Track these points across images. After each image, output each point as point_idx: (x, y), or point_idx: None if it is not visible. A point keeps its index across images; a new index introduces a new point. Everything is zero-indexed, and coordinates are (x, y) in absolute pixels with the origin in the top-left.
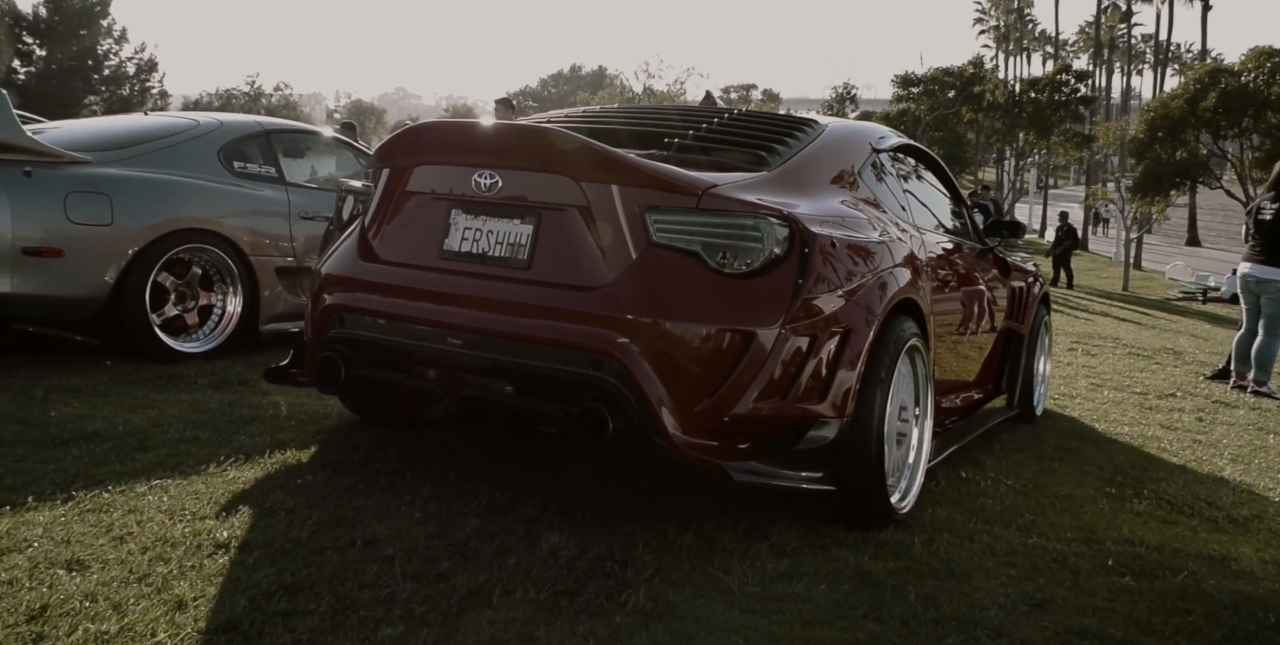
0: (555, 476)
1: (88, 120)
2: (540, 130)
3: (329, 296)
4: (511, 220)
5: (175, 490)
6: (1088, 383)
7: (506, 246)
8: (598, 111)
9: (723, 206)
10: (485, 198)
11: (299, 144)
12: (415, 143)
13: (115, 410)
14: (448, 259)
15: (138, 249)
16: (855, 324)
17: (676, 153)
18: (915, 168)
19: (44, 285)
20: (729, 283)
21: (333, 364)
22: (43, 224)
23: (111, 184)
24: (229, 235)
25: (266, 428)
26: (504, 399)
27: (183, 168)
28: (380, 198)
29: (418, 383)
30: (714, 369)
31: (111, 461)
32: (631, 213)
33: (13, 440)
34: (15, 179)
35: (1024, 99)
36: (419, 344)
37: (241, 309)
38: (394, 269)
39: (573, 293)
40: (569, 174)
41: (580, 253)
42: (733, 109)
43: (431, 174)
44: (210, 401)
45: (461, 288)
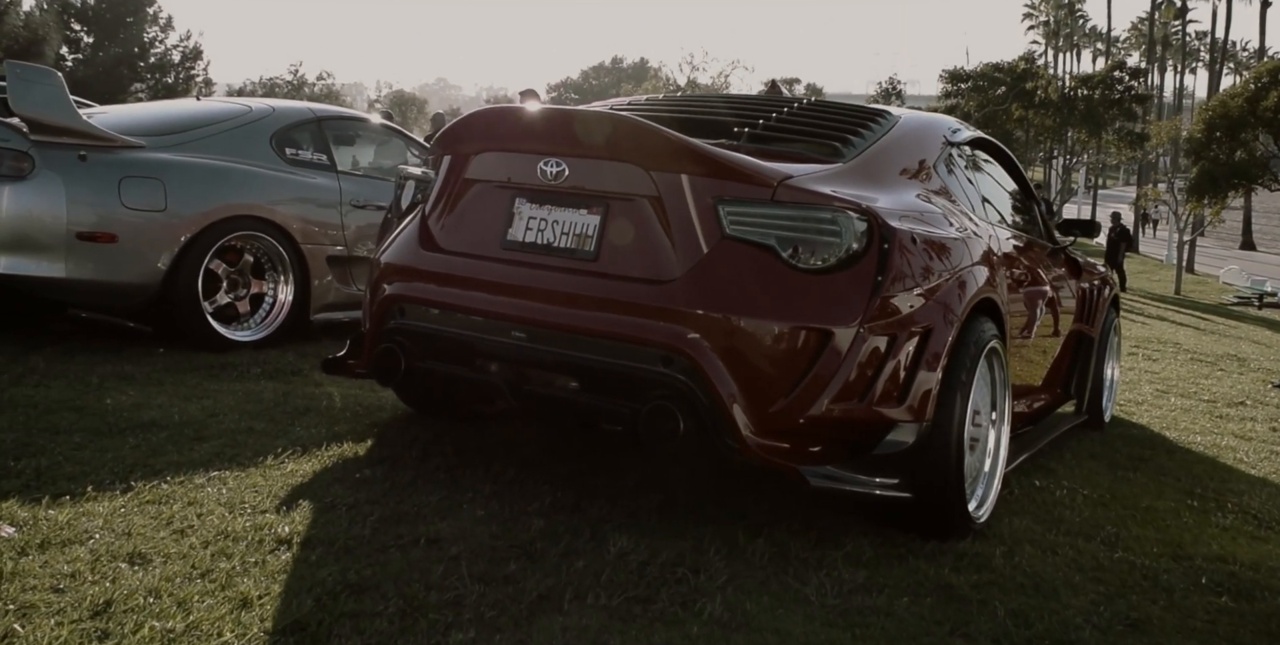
0: (617, 475)
1: (140, 105)
2: (610, 117)
3: (388, 286)
4: (578, 210)
5: (234, 482)
6: (1152, 389)
7: (572, 237)
8: (661, 99)
9: (799, 199)
10: (551, 186)
11: (349, 131)
12: (479, 129)
13: (170, 399)
14: (511, 249)
15: (190, 235)
16: (935, 324)
17: (746, 142)
18: (988, 162)
19: (97, 271)
20: (805, 279)
21: (392, 355)
22: (97, 209)
23: (165, 169)
24: (281, 223)
25: (322, 419)
26: (568, 395)
27: (235, 154)
28: (441, 186)
29: (478, 376)
30: (789, 368)
31: (169, 451)
32: (704, 204)
33: (70, 428)
34: (70, 163)
35: (1076, 96)
36: (481, 336)
37: (293, 298)
38: (455, 259)
39: (642, 286)
40: (639, 163)
41: (650, 245)
42: (801, 98)
43: (495, 161)
44: (264, 391)
45: (525, 279)
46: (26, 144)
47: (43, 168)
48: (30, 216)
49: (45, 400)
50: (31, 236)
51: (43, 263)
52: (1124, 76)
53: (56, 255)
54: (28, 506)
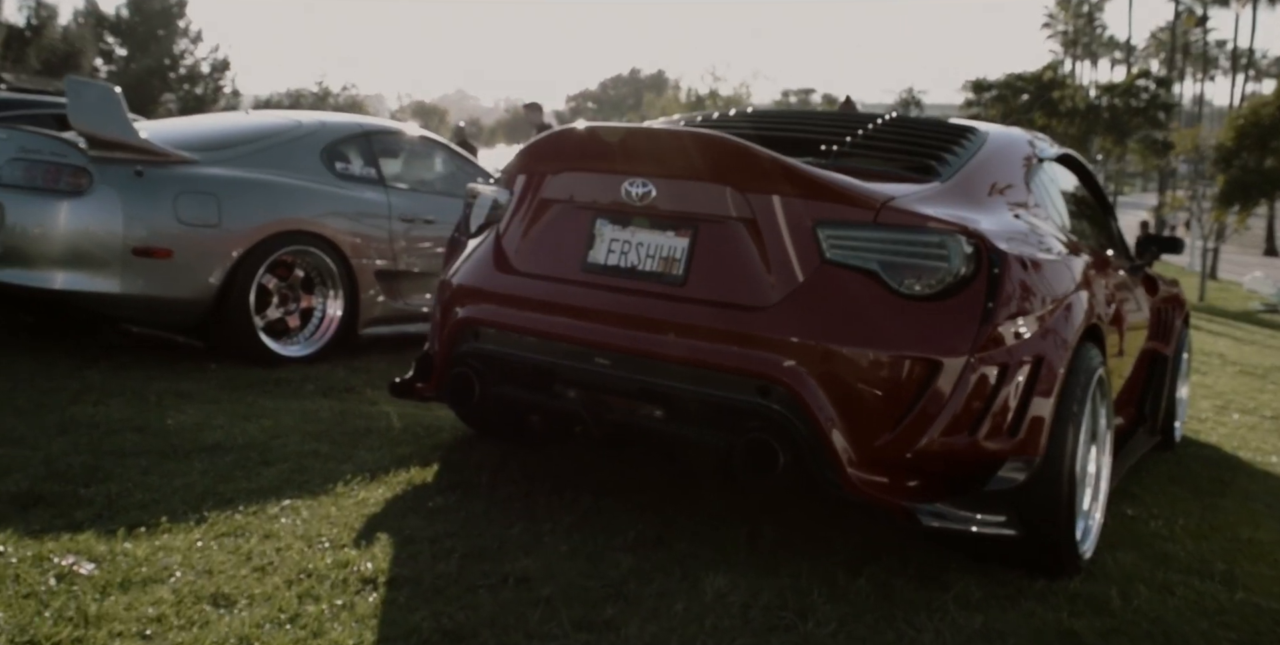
0: (696, 503)
1: (191, 118)
2: (702, 136)
3: (462, 309)
4: (665, 232)
5: (307, 513)
6: (1210, 404)
7: (659, 260)
8: (735, 116)
9: (903, 221)
10: (636, 208)
11: (397, 145)
12: (560, 148)
13: (230, 418)
14: (592, 272)
15: (243, 250)
16: (1047, 353)
17: (835, 161)
18: (1073, 178)
19: (152, 286)
20: (911, 305)
21: (466, 380)
22: (153, 224)
23: (219, 184)
24: (331, 237)
25: (383, 441)
26: (654, 425)
27: (286, 168)
28: (517, 205)
29: (557, 403)
30: (895, 400)
31: (237, 477)
32: (802, 227)
33: (135, 451)
34: (127, 178)
35: (1100, 104)
36: (561, 362)
37: (342, 312)
38: (532, 282)
39: (735, 312)
40: (733, 183)
41: (743, 269)
42: (883, 114)
43: (575, 181)
44: (321, 410)
45: (608, 303)
46: (85, 160)
47: (100, 183)
48: (87, 232)
49: (106, 419)
50: (88, 252)
51: (98, 279)
52: (1149, 85)
53: (112, 271)
54: (104, 539)
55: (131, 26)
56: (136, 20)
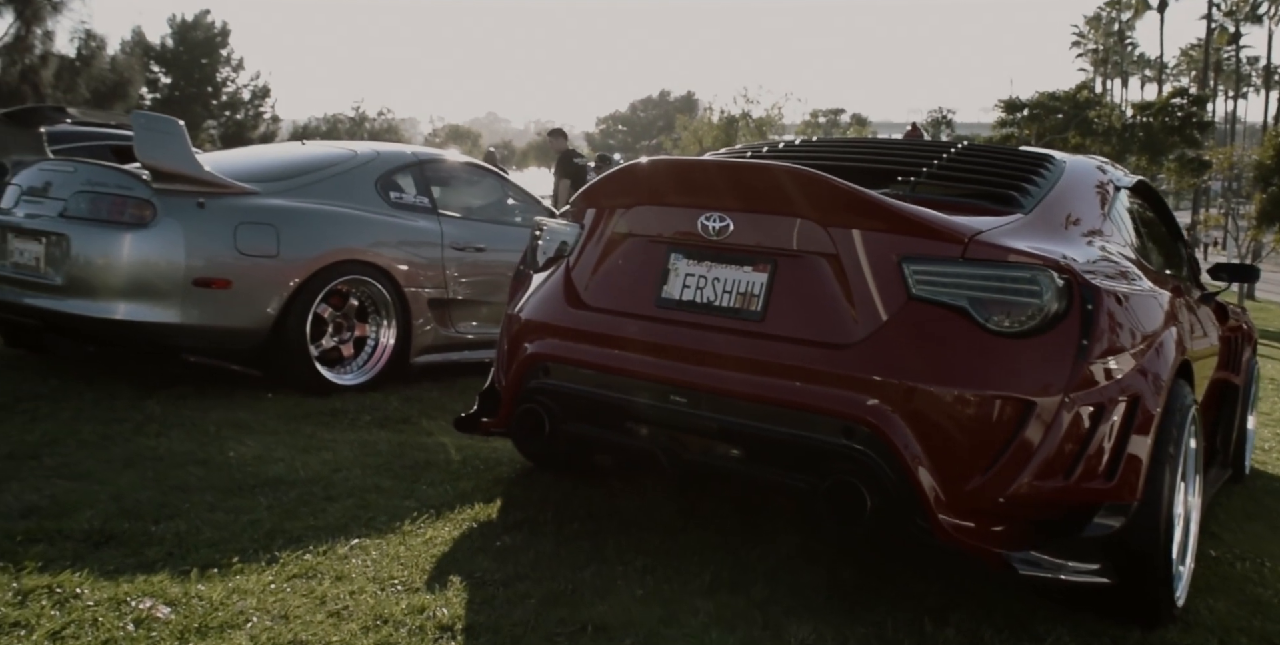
0: (769, 543)
1: (248, 149)
2: (782, 168)
3: (531, 344)
4: (742, 267)
5: (376, 553)
6: (1271, 433)
7: (736, 296)
8: (801, 145)
9: (992, 256)
10: (712, 242)
11: (448, 173)
12: (633, 181)
13: (290, 451)
14: (667, 307)
15: (300, 280)
16: (1142, 391)
17: (912, 192)
18: (1149, 207)
19: (212, 316)
20: (1002, 343)
21: (535, 417)
22: (214, 255)
23: (278, 215)
24: (386, 266)
25: (444, 475)
26: (733, 466)
27: (342, 198)
28: (587, 239)
29: (629, 441)
30: (987, 442)
31: (302, 514)
32: (886, 262)
33: (200, 486)
34: (189, 209)
35: (1136, 123)
36: (635, 400)
37: (395, 341)
38: (604, 317)
39: (817, 350)
40: (814, 217)
41: (825, 305)
42: (955, 142)
43: (649, 215)
44: (379, 442)
45: (684, 340)
46: (148, 192)
47: (164, 215)
48: (150, 263)
49: (169, 452)
50: (151, 283)
51: (159, 309)
52: (1184, 103)
53: (173, 301)
54: (178, 581)
55: (176, 55)
56: (181, 49)
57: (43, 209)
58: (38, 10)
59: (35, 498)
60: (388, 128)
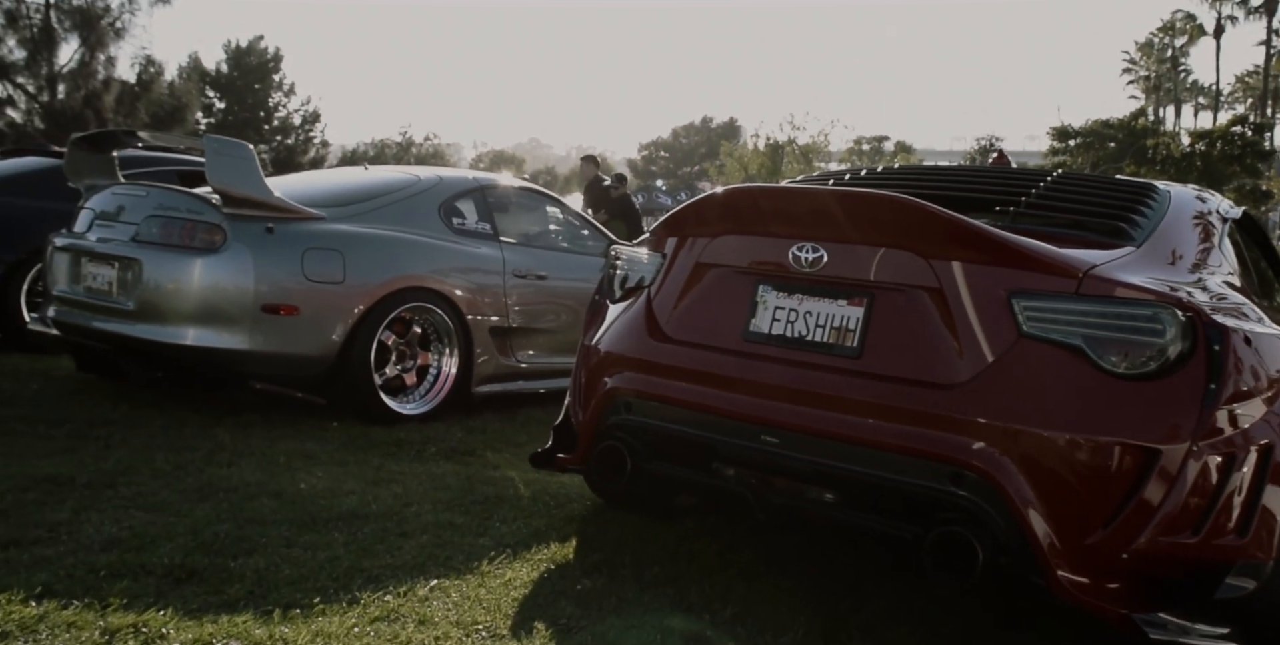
0: (859, 593)
1: (312, 174)
2: (882, 197)
3: (610, 378)
4: (836, 301)
5: (457, 595)
6: None
7: (830, 331)
8: (882, 172)
9: (1109, 292)
10: (804, 274)
11: (509, 198)
12: (719, 210)
13: (360, 483)
14: (755, 342)
15: (365, 307)
16: (1276, 440)
17: (1013, 223)
18: (1254, 238)
19: (278, 343)
20: (1122, 385)
21: (616, 454)
22: (282, 281)
23: (345, 241)
24: (449, 294)
25: (516, 512)
26: (827, 511)
27: (407, 224)
28: (669, 268)
29: (715, 483)
30: (1108, 493)
31: (379, 551)
32: (995, 297)
33: (275, 519)
34: (258, 235)
35: (1194, 152)
36: (722, 438)
37: (457, 370)
38: (689, 350)
39: (919, 390)
40: (916, 248)
41: (927, 342)
42: (1048, 170)
43: (736, 245)
44: (447, 475)
45: (775, 376)
46: (219, 216)
47: (233, 240)
48: (219, 288)
49: (241, 483)
50: (220, 309)
51: (227, 335)
52: (1244, 131)
53: (242, 328)
54: (261, 621)
55: (230, 81)
56: (235, 75)
57: (115, 233)
58: (101, 36)
59: (115, 530)
60: (434, 153)
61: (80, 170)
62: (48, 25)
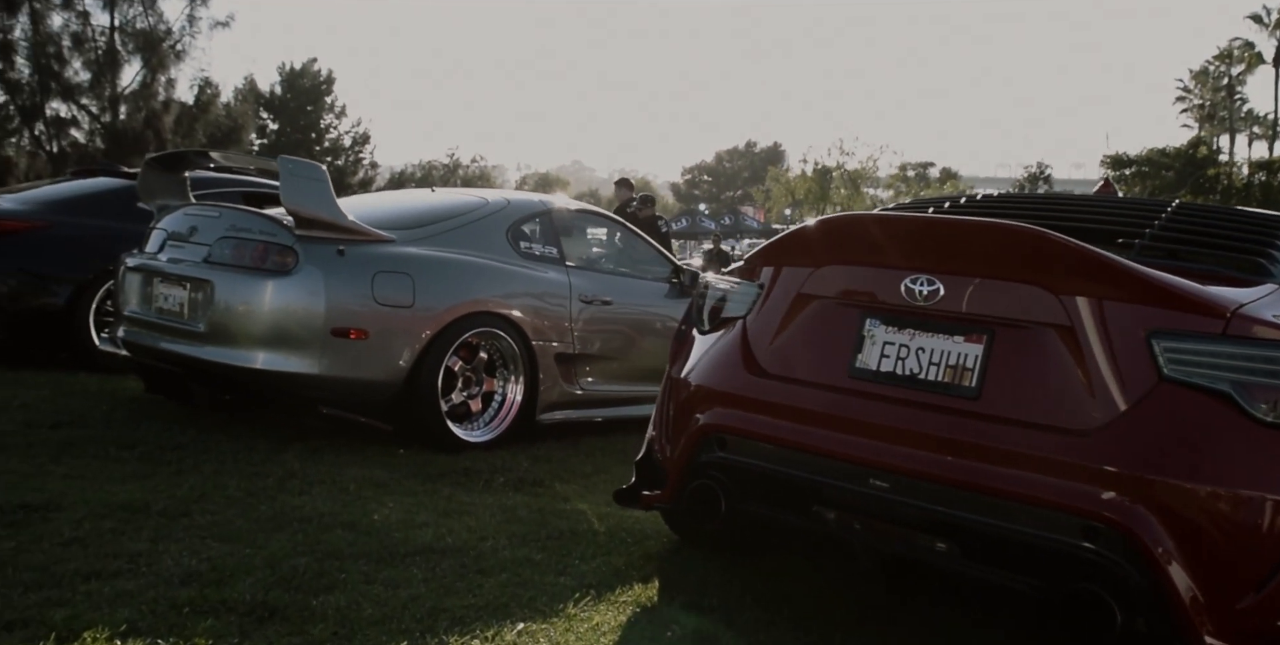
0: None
1: (379, 195)
2: (1008, 227)
3: (703, 414)
4: (952, 337)
5: (545, 640)
6: None
7: (945, 369)
8: (982, 200)
9: (1259, 334)
10: (917, 308)
11: (575, 222)
12: (823, 239)
13: (432, 514)
14: (862, 379)
15: (434, 332)
16: None
17: (1138, 256)
18: None
19: (348, 367)
20: (1274, 436)
21: (710, 494)
22: (352, 304)
23: (415, 264)
24: (515, 319)
25: (593, 548)
26: (942, 561)
27: (475, 247)
28: (767, 300)
29: (814, 526)
30: (1260, 552)
31: (459, 589)
32: (1132, 337)
33: (352, 552)
34: (330, 258)
35: (1253, 182)
36: (826, 481)
37: (522, 397)
38: (788, 386)
39: (1048, 435)
40: (1044, 283)
41: (1055, 384)
42: (1168, 201)
43: (841, 275)
44: (518, 507)
45: (885, 416)
46: (291, 239)
47: (305, 263)
48: (290, 312)
49: (315, 513)
50: (290, 332)
51: (296, 359)
52: None
53: (311, 351)
54: None
55: (284, 102)
56: (288, 97)
57: (187, 254)
58: (163, 59)
59: (194, 562)
60: (480, 175)
61: (153, 191)
62: (112, 48)
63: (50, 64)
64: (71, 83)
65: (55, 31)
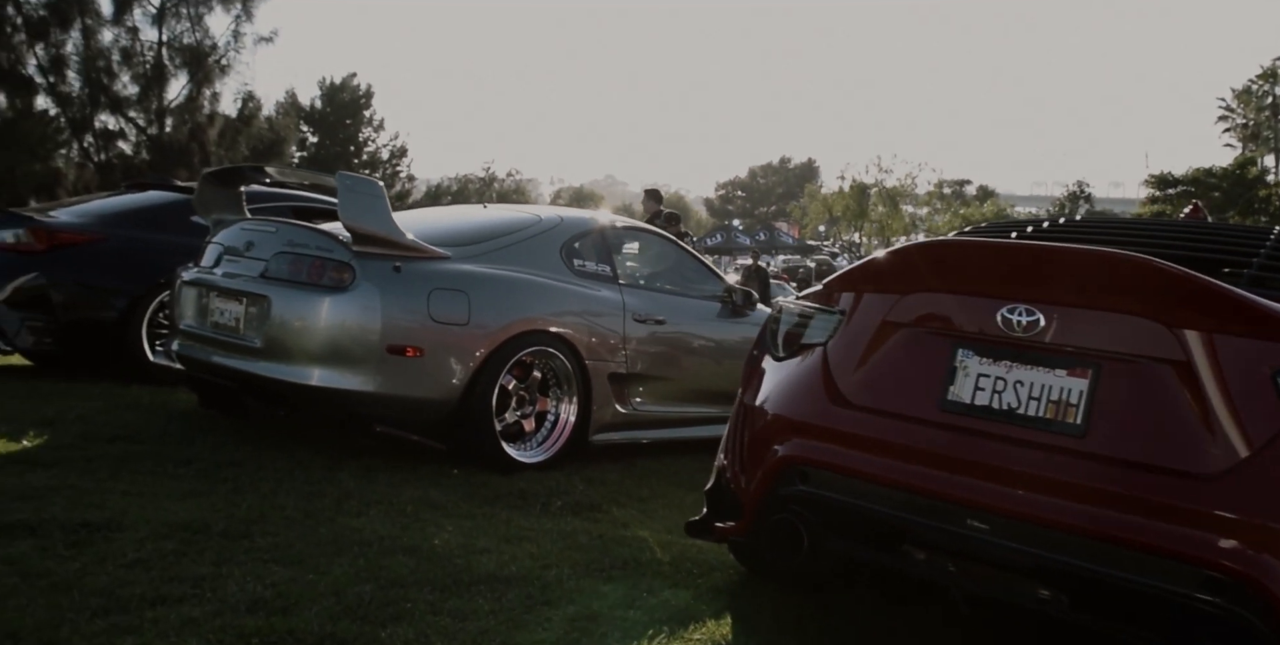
0: None
1: (431, 211)
2: (1117, 256)
3: (782, 445)
4: (1053, 371)
5: None
6: None
7: (1046, 404)
8: (1066, 224)
9: None
10: (1016, 339)
11: (628, 240)
12: (912, 264)
13: (492, 540)
14: (954, 412)
15: (489, 350)
16: None
17: (1248, 286)
18: None
19: (403, 385)
20: None
21: (790, 529)
22: (408, 321)
23: (470, 281)
24: (569, 338)
25: (659, 580)
26: (1048, 609)
27: (529, 265)
28: (849, 327)
29: (903, 566)
30: None
31: (528, 623)
32: (1256, 374)
33: (415, 579)
34: (386, 274)
35: None
36: (919, 520)
37: (575, 417)
38: (874, 418)
39: (1163, 478)
40: (1156, 315)
41: (1169, 423)
42: (1268, 229)
43: (931, 303)
44: (578, 533)
45: (982, 453)
46: (348, 254)
47: (362, 279)
48: (346, 328)
49: (374, 536)
50: (346, 349)
51: (351, 376)
52: None
53: (366, 369)
54: None
55: (324, 116)
56: (328, 111)
57: (243, 269)
58: (209, 73)
59: (258, 588)
60: (515, 188)
61: (209, 205)
62: (160, 62)
63: (100, 78)
64: (120, 96)
65: (106, 46)
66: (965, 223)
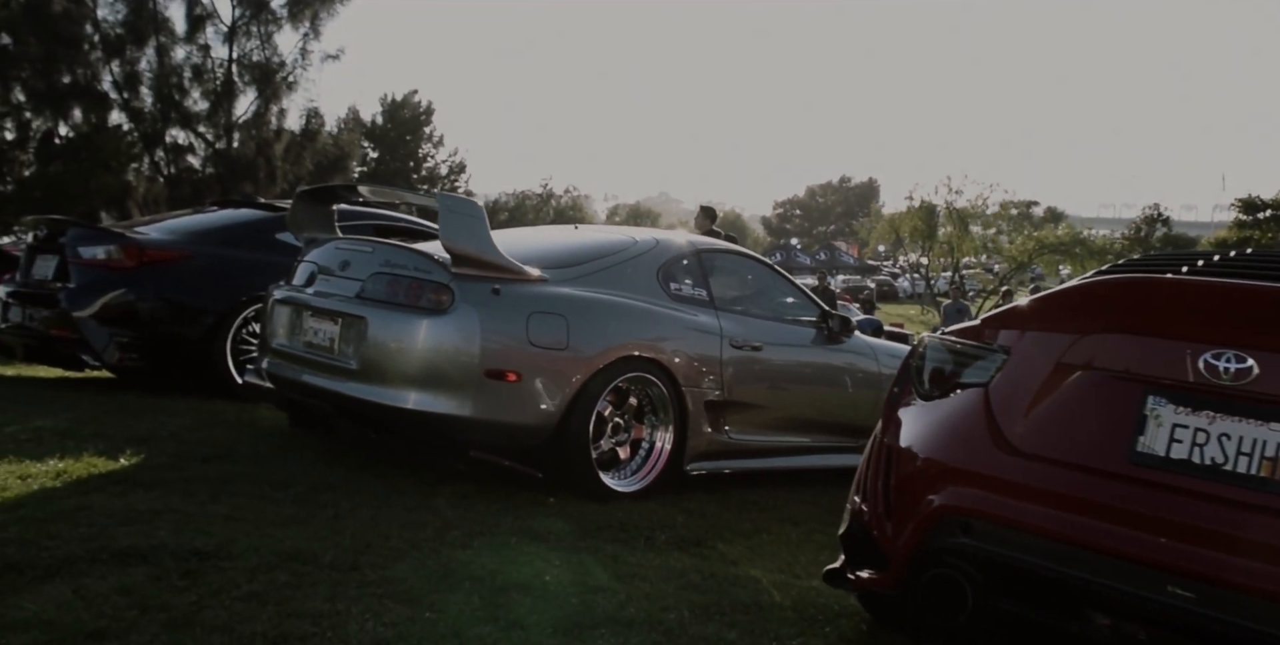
0: None
1: (522, 232)
2: None
3: (938, 493)
4: (1267, 424)
5: None
6: None
7: (1261, 461)
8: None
9: None
10: (1221, 387)
11: (724, 264)
12: (1094, 302)
13: (604, 576)
14: (1146, 465)
15: (586, 376)
16: None
17: None
18: None
19: (500, 410)
20: None
21: (954, 585)
22: (506, 345)
23: (568, 305)
24: (666, 364)
25: (784, 626)
26: None
27: (626, 288)
28: (1016, 366)
29: (1087, 633)
30: None
31: None
32: None
33: (535, 621)
34: (485, 297)
35: None
36: (1107, 583)
37: (671, 445)
38: (1048, 468)
39: None
40: None
41: None
42: None
43: (1116, 345)
44: (688, 571)
45: (1184, 512)
46: (447, 276)
47: (461, 302)
48: (444, 351)
49: (484, 570)
50: (443, 372)
51: (447, 399)
52: None
53: (464, 393)
54: None
55: (384, 132)
56: (389, 127)
57: (338, 289)
58: (276, 90)
59: (378, 627)
60: (573, 205)
61: (301, 223)
62: (229, 79)
63: (172, 94)
64: (190, 111)
65: (178, 63)
66: (1040, 245)
